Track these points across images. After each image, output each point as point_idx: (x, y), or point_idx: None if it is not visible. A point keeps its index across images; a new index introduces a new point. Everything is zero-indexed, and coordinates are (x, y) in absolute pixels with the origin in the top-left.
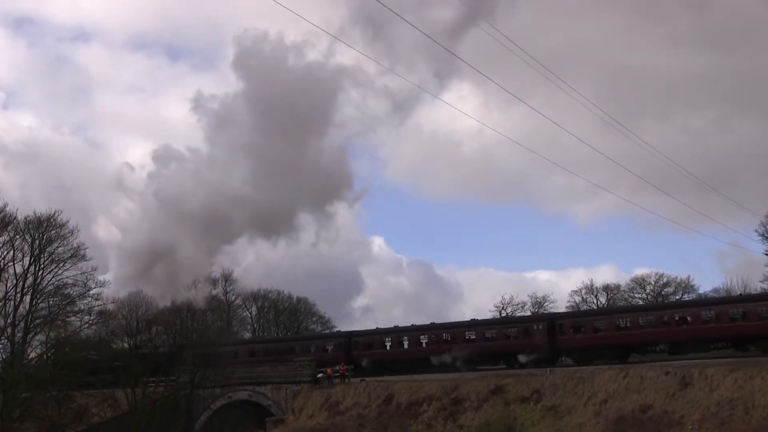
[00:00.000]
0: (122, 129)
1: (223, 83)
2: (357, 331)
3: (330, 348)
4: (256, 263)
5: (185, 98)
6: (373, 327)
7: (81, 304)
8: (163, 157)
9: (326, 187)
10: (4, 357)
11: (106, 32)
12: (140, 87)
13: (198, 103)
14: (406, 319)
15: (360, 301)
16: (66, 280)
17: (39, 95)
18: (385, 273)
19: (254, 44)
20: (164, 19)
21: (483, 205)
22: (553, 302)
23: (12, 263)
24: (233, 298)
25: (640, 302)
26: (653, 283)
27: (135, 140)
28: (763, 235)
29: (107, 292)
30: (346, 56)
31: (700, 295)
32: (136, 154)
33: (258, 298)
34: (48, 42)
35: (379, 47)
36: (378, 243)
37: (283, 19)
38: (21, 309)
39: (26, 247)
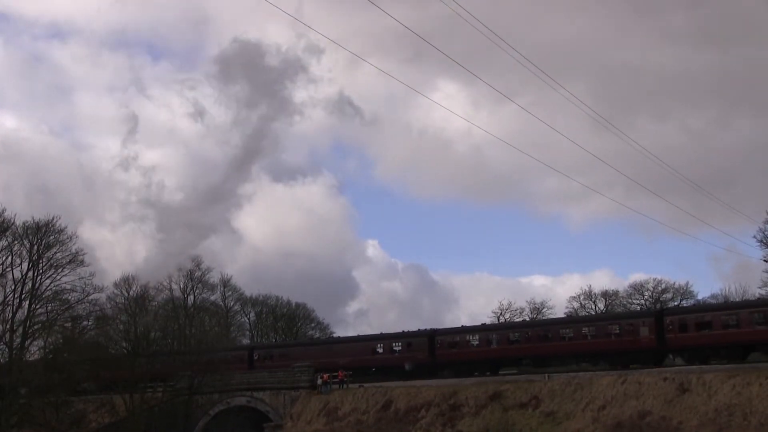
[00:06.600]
0: (103, 129)
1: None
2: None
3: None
4: (247, 266)
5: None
6: (371, 333)
7: (79, 310)
8: None
9: None
10: (2, 362)
11: (82, 29)
12: (121, 87)
13: None
14: (401, 324)
15: (354, 306)
16: (64, 285)
17: (17, 95)
18: (380, 277)
19: None
20: (142, 16)
21: (475, 206)
22: (551, 308)
23: (10, 268)
24: (231, 304)
25: (638, 308)
26: (651, 289)
27: (117, 141)
28: (761, 241)
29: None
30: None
31: (698, 300)
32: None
33: (257, 303)
34: (24, 40)
35: None
36: (372, 245)
37: (260, 12)
38: (19, 314)
39: (25, 252)
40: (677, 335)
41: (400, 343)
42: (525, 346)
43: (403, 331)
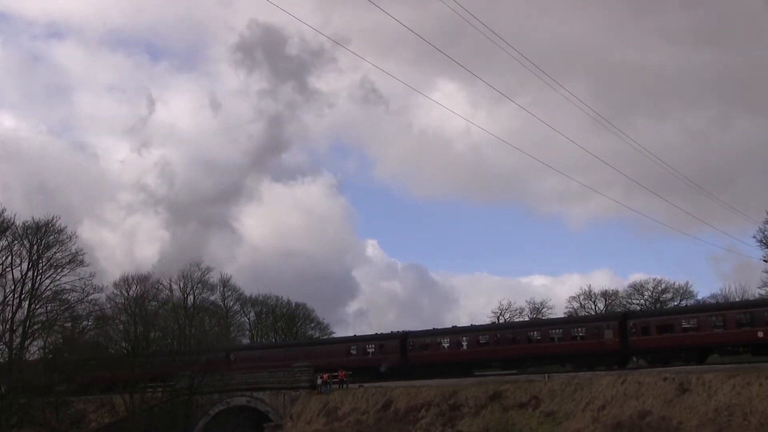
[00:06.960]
0: (102, 129)
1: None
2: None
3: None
4: (246, 265)
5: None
6: (372, 332)
7: (79, 310)
8: None
9: None
10: (2, 362)
11: (80, 29)
12: (120, 86)
13: None
14: (400, 324)
15: (354, 306)
16: (64, 285)
17: (16, 95)
18: (380, 277)
19: None
20: (141, 15)
21: (475, 206)
22: (551, 308)
23: (10, 268)
24: (231, 304)
25: (638, 308)
26: (651, 289)
27: (117, 141)
28: (761, 241)
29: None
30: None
31: (698, 300)
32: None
33: (256, 303)
34: (23, 39)
35: None
36: (372, 245)
37: (265, 12)
38: (19, 314)
39: (24, 252)
40: (640, 338)
41: (373, 345)
42: (494, 348)
43: (376, 333)
